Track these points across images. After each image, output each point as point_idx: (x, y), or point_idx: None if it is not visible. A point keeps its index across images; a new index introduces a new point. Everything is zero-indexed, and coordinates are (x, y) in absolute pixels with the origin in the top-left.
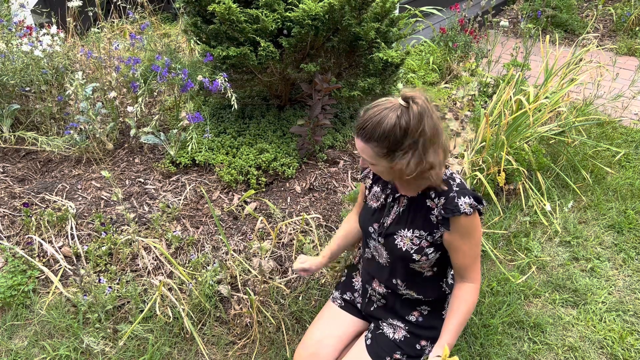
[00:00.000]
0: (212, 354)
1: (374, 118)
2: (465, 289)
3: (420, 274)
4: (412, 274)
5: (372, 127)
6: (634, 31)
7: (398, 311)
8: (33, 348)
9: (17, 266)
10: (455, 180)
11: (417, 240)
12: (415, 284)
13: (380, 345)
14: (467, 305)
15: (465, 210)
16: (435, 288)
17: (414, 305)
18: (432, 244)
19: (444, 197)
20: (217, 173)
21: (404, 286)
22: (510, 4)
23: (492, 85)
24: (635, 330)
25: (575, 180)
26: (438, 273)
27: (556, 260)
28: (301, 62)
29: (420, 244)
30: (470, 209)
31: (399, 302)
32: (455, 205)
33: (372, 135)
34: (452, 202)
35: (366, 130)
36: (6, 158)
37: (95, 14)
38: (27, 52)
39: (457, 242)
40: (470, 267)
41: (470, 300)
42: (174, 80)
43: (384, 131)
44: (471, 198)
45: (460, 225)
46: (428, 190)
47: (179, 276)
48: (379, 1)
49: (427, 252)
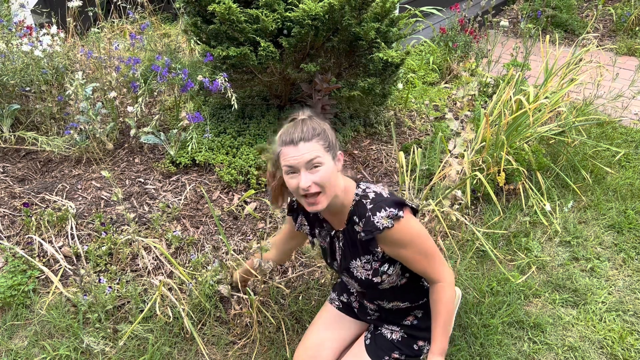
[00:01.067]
0: (212, 354)
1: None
2: (435, 290)
3: (395, 287)
4: (388, 290)
5: (308, 128)
6: (634, 31)
7: (392, 320)
8: (33, 348)
9: (17, 266)
10: (368, 196)
11: (367, 266)
12: (397, 296)
13: (379, 345)
14: (442, 304)
15: (385, 225)
16: (417, 290)
17: (407, 311)
18: (382, 262)
19: (363, 219)
20: (217, 173)
21: (387, 302)
22: (510, 4)
23: (492, 85)
24: (635, 330)
25: (575, 180)
26: (411, 277)
27: (556, 260)
28: (301, 62)
29: (372, 266)
30: (390, 221)
31: (392, 314)
32: (372, 224)
33: (309, 136)
34: (369, 222)
35: (305, 132)
36: (6, 158)
37: (95, 14)
38: (27, 52)
39: (399, 253)
40: (429, 269)
41: (443, 298)
42: (174, 80)
43: (316, 128)
44: (387, 209)
45: (390, 239)
46: (352, 216)
47: (179, 276)
48: (379, 1)
49: (384, 270)
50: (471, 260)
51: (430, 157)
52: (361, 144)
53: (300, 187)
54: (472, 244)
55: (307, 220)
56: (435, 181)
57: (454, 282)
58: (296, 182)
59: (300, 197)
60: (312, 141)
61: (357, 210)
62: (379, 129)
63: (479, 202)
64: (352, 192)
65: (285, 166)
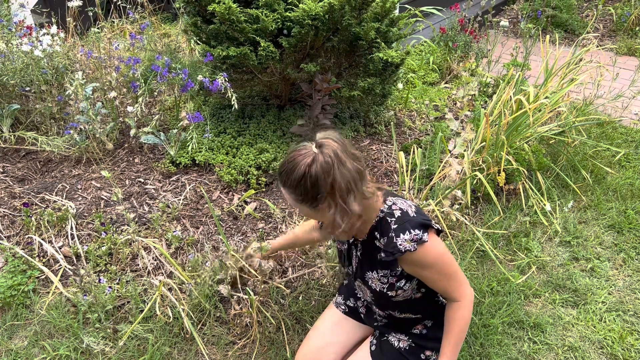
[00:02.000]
0: (212, 354)
1: (288, 165)
2: (453, 309)
3: (409, 299)
4: (402, 302)
5: (285, 174)
6: (634, 31)
7: (401, 328)
8: (33, 348)
9: (17, 266)
10: (394, 214)
11: (384, 279)
12: (409, 308)
13: (384, 352)
14: (457, 324)
15: (407, 248)
16: (430, 304)
17: (416, 321)
18: (400, 277)
19: (385, 238)
20: (217, 173)
21: (399, 312)
22: (510, 4)
23: (492, 85)
24: (635, 330)
25: (575, 180)
26: (426, 293)
27: (556, 260)
28: (301, 62)
29: (389, 281)
30: (413, 244)
31: (401, 322)
32: (394, 246)
33: (285, 182)
34: (391, 243)
35: (282, 176)
36: (6, 158)
37: (95, 14)
38: (27, 52)
39: (419, 273)
40: (449, 289)
41: (459, 317)
42: (174, 80)
43: (294, 180)
44: (412, 231)
45: (411, 261)
46: (373, 231)
47: (179, 276)
48: (379, 1)
49: (399, 285)
50: (471, 260)
51: (430, 157)
52: (361, 144)
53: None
54: (472, 244)
55: None
56: (435, 181)
57: (472, 301)
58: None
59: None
60: (285, 190)
61: (379, 227)
62: (379, 129)
63: (479, 202)
64: (377, 207)
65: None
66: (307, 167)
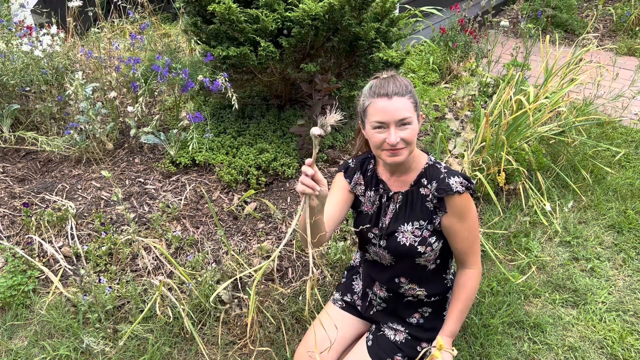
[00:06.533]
0: (212, 354)
1: (395, 79)
2: (465, 275)
3: (424, 267)
4: (417, 269)
5: (402, 84)
6: (634, 31)
7: (399, 314)
8: (33, 348)
9: (17, 266)
10: (441, 164)
11: (418, 232)
12: (419, 279)
13: (381, 346)
14: (465, 291)
15: (458, 189)
16: (439, 281)
17: (415, 307)
18: (433, 232)
19: (435, 181)
20: (217, 173)
21: (407, 281)
22: (510, 4)
23: (492, 85)
24: (635, 330)
25: (575, 180)
26: (441, 266)
27: (556, 260)
28: (301, 62)
29: (422, 234)
30: (462, 187)
31: (400, 305)
32: (447, 185)
33: (406, 90)
34: (444, 182)
35: (400, 87)
36: (6, 158)
37: (95, 14)
38: (27, 52)
39: (455, 225)
40: (470, 251)
41: (469, 285)
42: (174, 80)
43: (409, 84)
44: (461, 177)
45: (455, 205)
46: (420, 178)
47: (179, 276)
48: (379, 1)
49: (431, 241)
50: None
51: None
52: None
53: (387, 142)
54: None
55: (364, 180)
56: None
57: (481, 276)
58: (383, 137)
59: (380, 150)
60: (405, 97)
61: (428, 173)
62: None
63: (479, 202)
64: (422, 158)
65: (375, 121)
66: (405, 79)
